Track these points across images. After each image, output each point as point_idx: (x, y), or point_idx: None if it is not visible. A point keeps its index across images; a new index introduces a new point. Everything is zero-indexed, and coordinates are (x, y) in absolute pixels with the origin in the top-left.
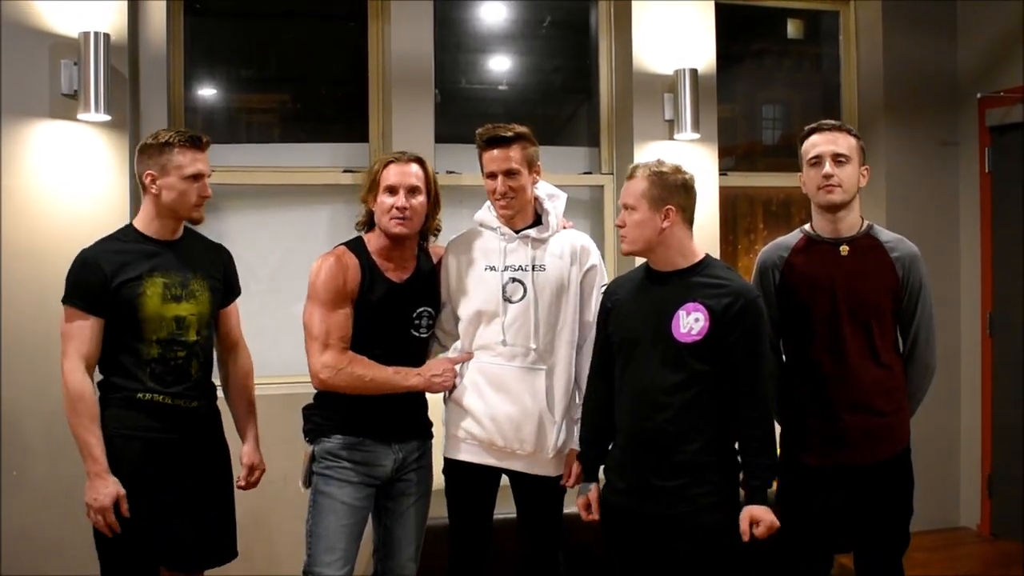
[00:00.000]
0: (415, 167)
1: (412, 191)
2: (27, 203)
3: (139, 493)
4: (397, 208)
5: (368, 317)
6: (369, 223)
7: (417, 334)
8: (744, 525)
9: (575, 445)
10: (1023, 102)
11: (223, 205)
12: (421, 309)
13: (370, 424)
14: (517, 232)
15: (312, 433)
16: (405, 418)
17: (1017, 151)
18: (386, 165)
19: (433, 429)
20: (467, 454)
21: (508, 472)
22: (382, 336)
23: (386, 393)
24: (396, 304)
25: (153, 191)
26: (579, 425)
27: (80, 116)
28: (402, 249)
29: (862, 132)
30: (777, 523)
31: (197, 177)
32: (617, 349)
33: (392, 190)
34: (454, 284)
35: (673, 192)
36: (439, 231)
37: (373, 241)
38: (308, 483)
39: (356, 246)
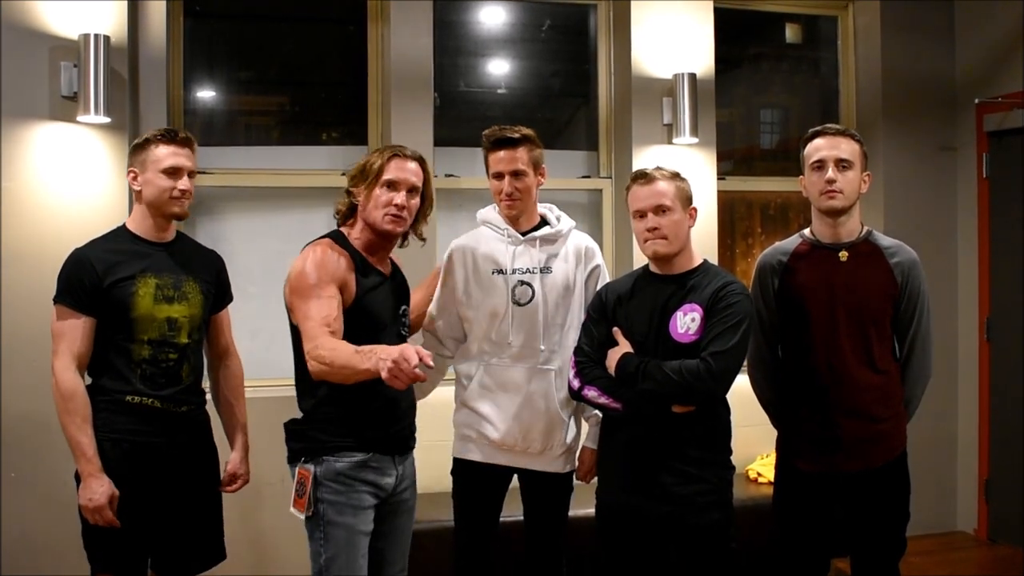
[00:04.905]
0: (416, 165)
1: (411, 190)
2: (27, 205)
3: (127, 496)
4: (396, 205)
5: (364, 309)
6: (347, 215)
7: (404, 332)
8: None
9: (588, 442)
10: (1021, 107)
11: (221, 207)
12: (404, 307)
13: (377, 436)
14: (523, 235)
15: (311, 452)
16: (409, 427)
17: (1015, 157)
18: (390, 158)
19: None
20: (478, 454)
21: (518, 471)
22: (379, 331)
23: (352, 379)
24: (388, 296)
25: (136, 188)
26: (590, 421)
27: (80, 118)
28: (386, 247)
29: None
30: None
31: (174, 171)
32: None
33: (392, 185)
34: (461, 287)
35: (690, 194)
36: (424, 240)
37: (354, 235)
38: (311, 509)
39: (339, 239)
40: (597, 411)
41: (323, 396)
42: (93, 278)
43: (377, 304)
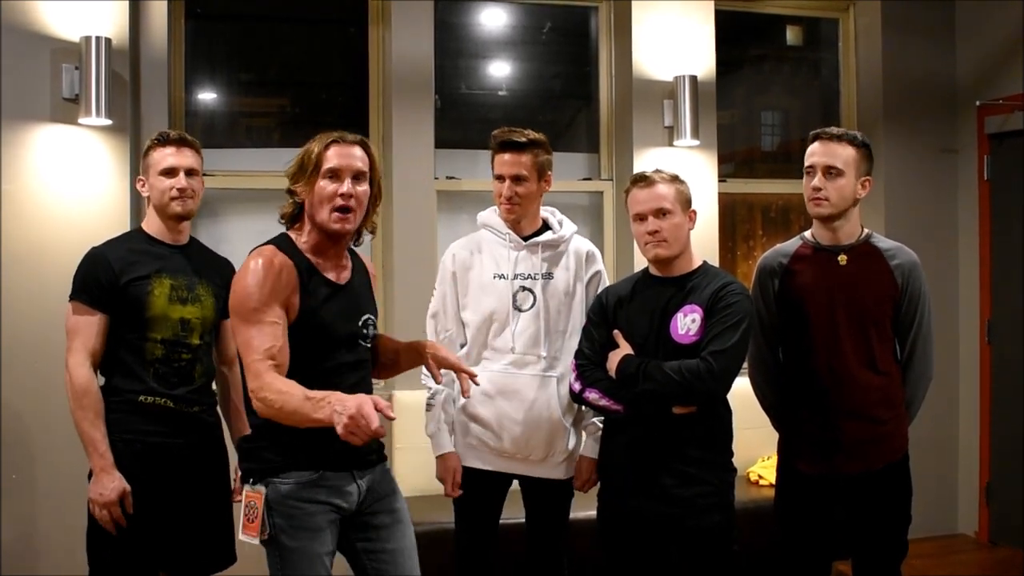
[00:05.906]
0: (359, 150)
1: (357, 177)
2: (28, 207)
3: (138, 497)
4: (341, 196)
5: (314, 325)
6: (293, 217)
7: (365, 344)
8: None
9: (586, 451)
10: (1022, 110)
11: (222, 209)
12: (366, 316)
13: (327, 453)
14: (525, 239)
15: (259, 474)
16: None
17: (1016, 159)
18: (329, 144)
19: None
20: (479, 461)
21: (519, 477)
22: (333, 347)
23: (303, 425)
24: (342, 308)
25: (145, 194)
26: (587, 430)
27: (81, 120)
28: (338, 247)
29: None
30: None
31: (171, 171)
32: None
33: (335, 174)
34: (461, 291)
35: (690, 196)
36: (375, 231)
37: (303, 238)
38: (266, 532)
39: (285, 245)
40: (596, 420)
41: None
42: (109, 276)
43: (329, 317)
